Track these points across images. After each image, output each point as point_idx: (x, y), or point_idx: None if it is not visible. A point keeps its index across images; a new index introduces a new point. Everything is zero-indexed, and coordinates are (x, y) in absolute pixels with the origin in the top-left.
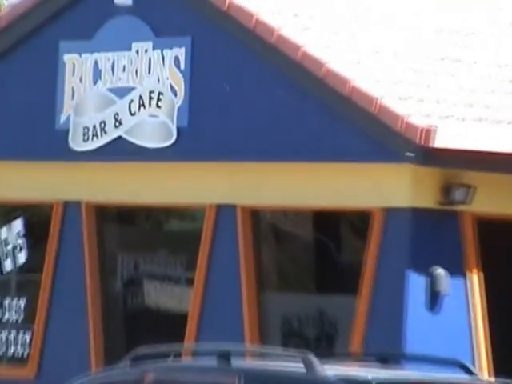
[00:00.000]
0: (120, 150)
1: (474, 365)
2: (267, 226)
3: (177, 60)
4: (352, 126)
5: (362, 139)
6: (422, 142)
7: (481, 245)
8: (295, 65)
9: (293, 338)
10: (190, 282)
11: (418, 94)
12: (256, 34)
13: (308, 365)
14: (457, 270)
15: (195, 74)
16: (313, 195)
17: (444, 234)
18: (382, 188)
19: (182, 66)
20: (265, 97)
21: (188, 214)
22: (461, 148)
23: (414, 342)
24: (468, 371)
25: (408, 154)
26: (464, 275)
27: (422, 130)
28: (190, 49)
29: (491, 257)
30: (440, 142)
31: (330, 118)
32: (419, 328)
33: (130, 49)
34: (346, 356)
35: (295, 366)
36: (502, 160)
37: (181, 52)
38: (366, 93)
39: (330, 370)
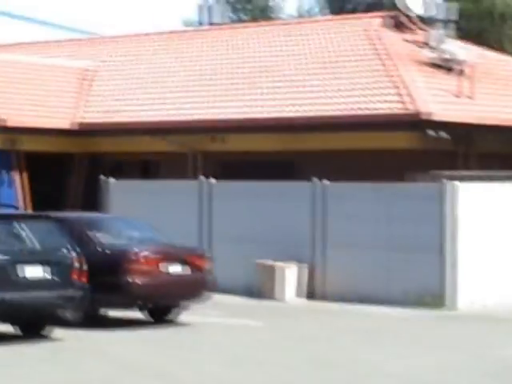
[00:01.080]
0: None
1: (19, 206)
2: None
3: None
4: None
5: None
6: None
7: (31, 164)
8: None
9: None
10: None
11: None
12: None
13: None
14: (11, 175)
15: None
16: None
17: (11, 159)
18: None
19: None
20: None
21: None
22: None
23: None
24: (16, 209)
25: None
26: (16, 176)
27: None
28: None
29: (36, 169)
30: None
31: None
32: None
33: None
34: None
35: None
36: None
37: None
38: None
39: None
